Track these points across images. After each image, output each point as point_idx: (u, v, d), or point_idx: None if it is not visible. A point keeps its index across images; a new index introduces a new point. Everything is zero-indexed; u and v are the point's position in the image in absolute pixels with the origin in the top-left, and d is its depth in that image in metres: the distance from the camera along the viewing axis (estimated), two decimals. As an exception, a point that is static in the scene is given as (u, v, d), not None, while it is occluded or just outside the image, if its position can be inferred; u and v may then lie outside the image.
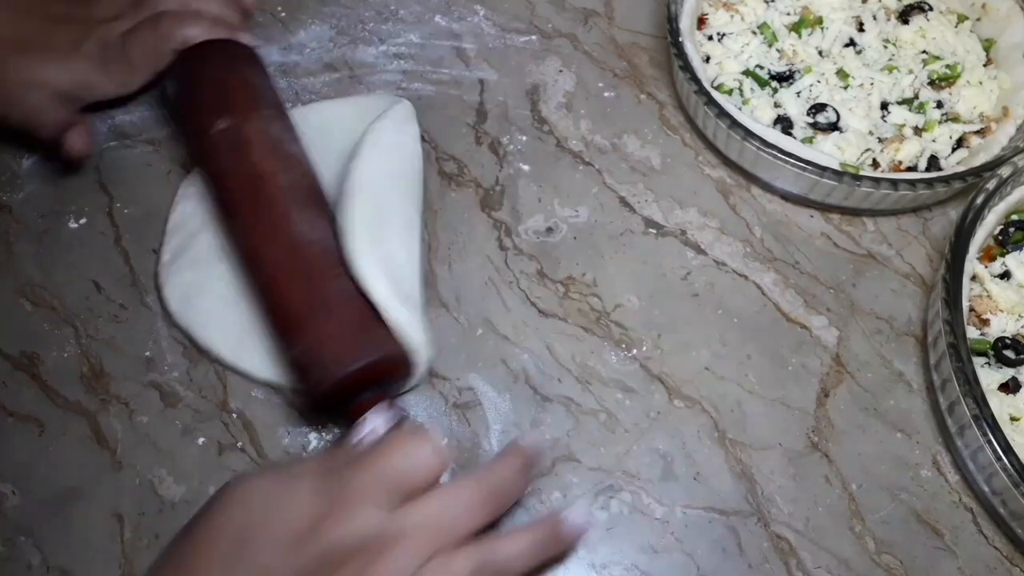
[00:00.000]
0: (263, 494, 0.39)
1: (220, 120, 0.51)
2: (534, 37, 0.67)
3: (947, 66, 0.63)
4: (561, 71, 0.65)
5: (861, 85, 0.62)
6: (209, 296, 0.53)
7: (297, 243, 0.49)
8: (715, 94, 0.58)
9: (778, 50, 0.64)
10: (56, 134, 0.55)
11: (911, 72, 0.63)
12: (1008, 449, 0.45)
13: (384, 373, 0.48)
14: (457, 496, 0.40)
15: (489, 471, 0.42)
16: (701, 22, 0.65)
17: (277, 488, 0.39)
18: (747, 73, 0.62)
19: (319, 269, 0.48)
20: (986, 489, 0.49)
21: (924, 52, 0.64)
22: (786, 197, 0.60)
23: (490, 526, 0.41)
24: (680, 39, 0.60)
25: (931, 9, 0.65)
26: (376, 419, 0.45)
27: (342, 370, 0.45)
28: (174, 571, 0.38)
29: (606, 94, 0.64)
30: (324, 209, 0.51)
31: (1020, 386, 0.51)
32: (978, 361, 0.52)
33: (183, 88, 0.55)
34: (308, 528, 0.37)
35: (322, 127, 0.58)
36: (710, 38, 0.64)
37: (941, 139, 0.60)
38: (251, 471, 0.40)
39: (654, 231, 0.59)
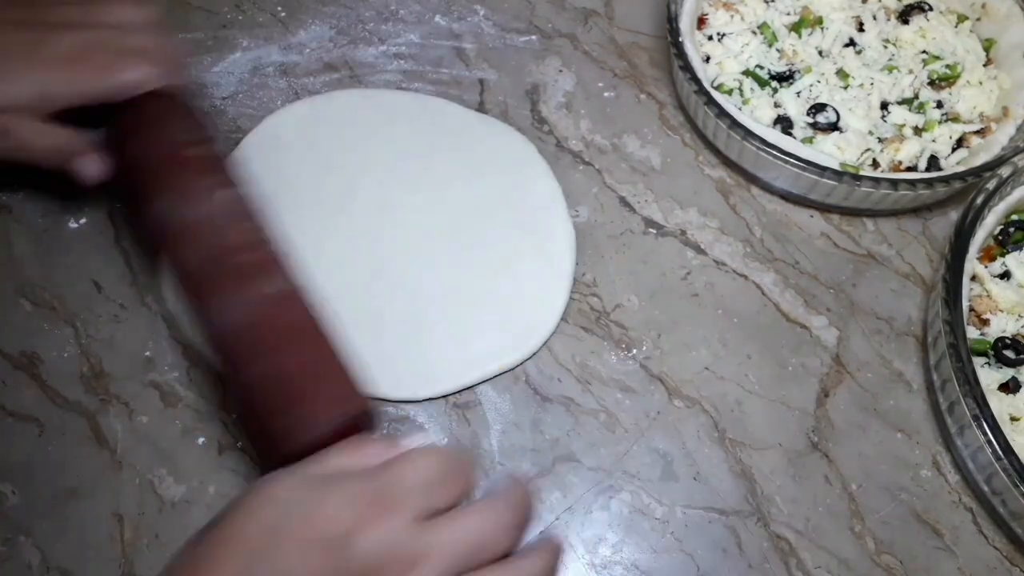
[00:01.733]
0: (292, 498, 0.37)
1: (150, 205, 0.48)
2: (534, 37, 0.67)
3: (947, 66, 0.63)
4: (561, 71, 0.65)
5: (861, 85, 0.62)
6: None
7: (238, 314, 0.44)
8: (715, 94, 0.58)
9: (778, 50, 0.64)
10: (50, 158, 0.51)
11: (911, 72, 0.63)
12: (1008, 449, 0.46)
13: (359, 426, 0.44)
14: (485, 518, 0.39)
15: (514, 497, 0.40)
16: (701, 22, 0.65)
17: (307, 493, 0.38)
18: (747, 73, 0.62)
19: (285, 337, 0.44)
20: (986, 489, 0.49)
21: (924, 52, 0.64)
22: (786, 197, 0.60)
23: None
24: (680, 39, 0.60)
25: (931, 9, 0.65)
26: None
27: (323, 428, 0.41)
28: (192, 571, 0.37)
29: (606, 94, 0.64)
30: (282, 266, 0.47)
31: (1020, 386, 0.51)
32: (978, 361, 0.52)
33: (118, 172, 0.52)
34: (336, 536, 0.36)
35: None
36: (710, 38, 0.64)
37: (941, 139, 0.60)
38: (277, 474, 0.39)
39: (654, 231, 0.59)
